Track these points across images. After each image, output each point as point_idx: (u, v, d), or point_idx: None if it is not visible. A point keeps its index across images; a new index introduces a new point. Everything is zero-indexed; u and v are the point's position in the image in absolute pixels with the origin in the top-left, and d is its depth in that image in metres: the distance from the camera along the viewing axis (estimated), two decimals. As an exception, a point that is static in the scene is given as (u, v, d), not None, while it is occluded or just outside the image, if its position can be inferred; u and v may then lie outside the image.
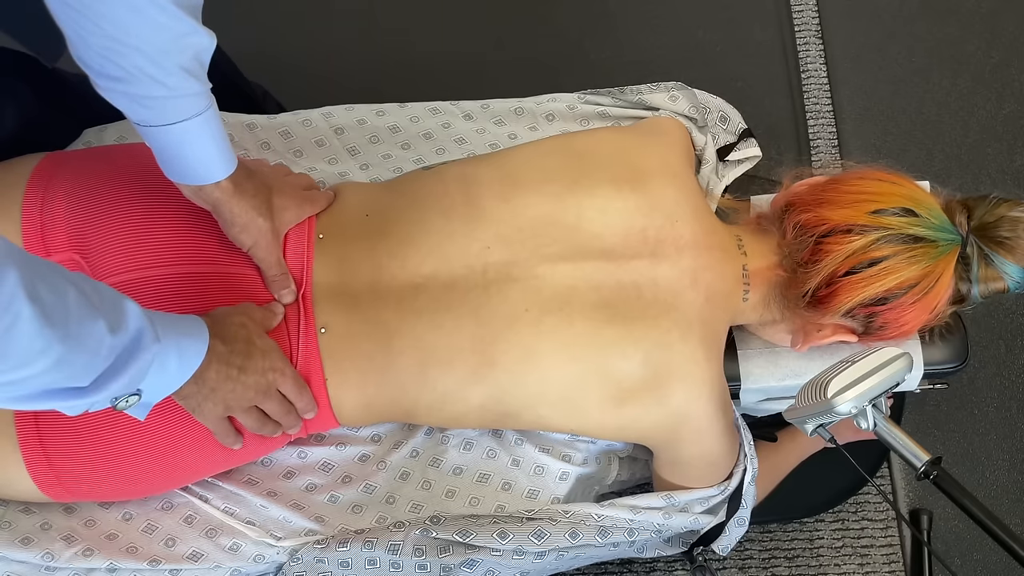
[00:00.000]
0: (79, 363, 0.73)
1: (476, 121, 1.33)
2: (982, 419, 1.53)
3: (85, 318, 0.72)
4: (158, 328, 0.81)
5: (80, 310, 0.71)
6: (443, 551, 1.05)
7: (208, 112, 0.92)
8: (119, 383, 0.77)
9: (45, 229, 1.05)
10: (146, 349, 0.79)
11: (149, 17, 0.83)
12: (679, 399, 1.02)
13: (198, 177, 0.96)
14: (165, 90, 0.88)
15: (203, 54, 0.90)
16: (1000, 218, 1.03)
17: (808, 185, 1.09)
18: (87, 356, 0.73)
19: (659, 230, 1.05)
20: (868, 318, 1.05)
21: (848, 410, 0.90)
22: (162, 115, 0.90)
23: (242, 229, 1.01)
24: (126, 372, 0.77)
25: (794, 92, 1.73)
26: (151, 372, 0.80)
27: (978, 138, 1.70)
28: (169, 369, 0.85)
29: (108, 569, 1.04)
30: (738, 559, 1.44)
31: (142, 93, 0.87)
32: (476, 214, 1.06)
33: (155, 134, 0.92)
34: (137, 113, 0.90)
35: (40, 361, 0.69)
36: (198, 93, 0.91)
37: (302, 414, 1.03)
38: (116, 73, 0.86)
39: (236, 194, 0.99)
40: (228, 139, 0.97)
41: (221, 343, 0.93)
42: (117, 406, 0.81)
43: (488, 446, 1.15)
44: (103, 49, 0.84)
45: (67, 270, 0.74)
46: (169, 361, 0.84)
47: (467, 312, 1.03)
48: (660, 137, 1.16)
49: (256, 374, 0.97)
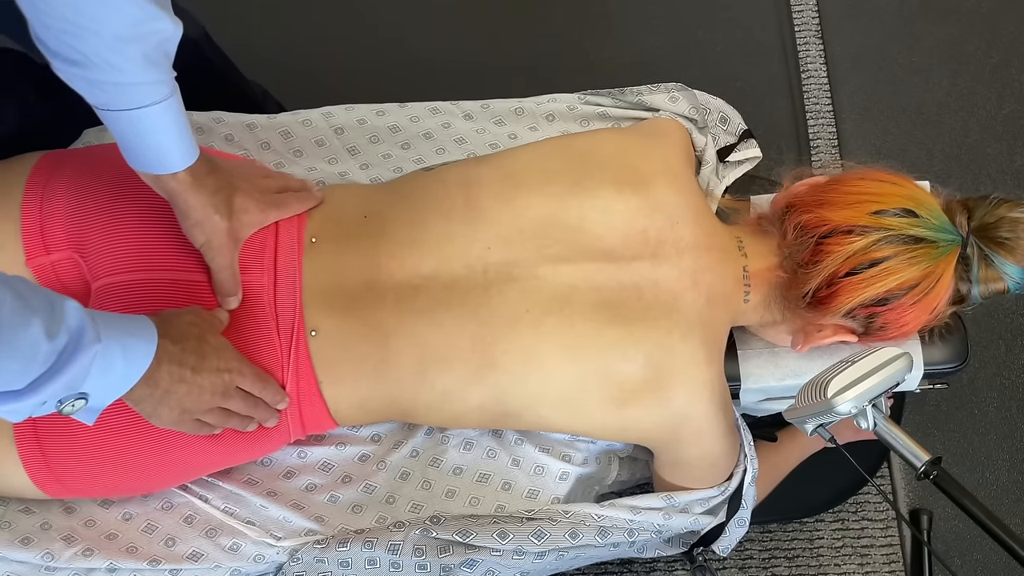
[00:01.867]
0: (12, 368, 0.71)
1: (476, 121, 1.33)
2: (982, 419, 1.53)
3: (19, 325, 0.70)
4: (100, 328, 0.79)
5: (14, 316, 0.70)
6: (443, 551, 1.05)
7: (169, 101, 0.90)
8: (56, 385, 0.75)
9: (44, 227, 1.05)
10: (85, 349, 0.76)
11: (109, 1, 0.81)
12: (680, 400, 1.02)
13: (154, 165, 0.94)
14: (123, 76, 0.86)
15: (167, 43, 0.87)
16: (1000, 219, 1.03)
17: (808, 186, 1.09)
18: (21, 362, 0.71)
19: (660, 231, 1.05)
20: (868, 319, 1.05)
21: (848, 410, 0.90)
22: (119, 100, 0.88)
23: (195, 223, 0.99)
24: (63, 374, 0.75)
25: (794, 92, 1.73)
26: (93, 374, 0.78)
27: (978, 138, 1.70)
28: (115, 370, 0.82)
29: (108, 569, 1.04)
30: (738, 559, 1.44)
31: (100, 78, 0.86)
32: (477, 215, 1.06)
33: (113, 118, 0.90)
34: (95, 96, 0.88)
35: None
36: (159, 81, 0.89)
37: (273, 405, 1.01)
38: (74, 56, 0.84)
39: (193, 187, 0.97)
40: (190, 130, 0.95)
41: (171, 343, 0.90)
42: (63, 410, 0.79)
43: (488, 446, 1.15)
44: (61, 32, 0.82)
45: (4, 274, 0.72)
46: (114, 362, 0.81)
47: (467, 312, 1.03)
48: (661, 138, 1.16)
49: (211, 374, 0.94)
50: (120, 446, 0.99)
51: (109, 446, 0.98)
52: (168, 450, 1.00)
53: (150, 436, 0.99)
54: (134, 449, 0.99)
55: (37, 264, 1.07)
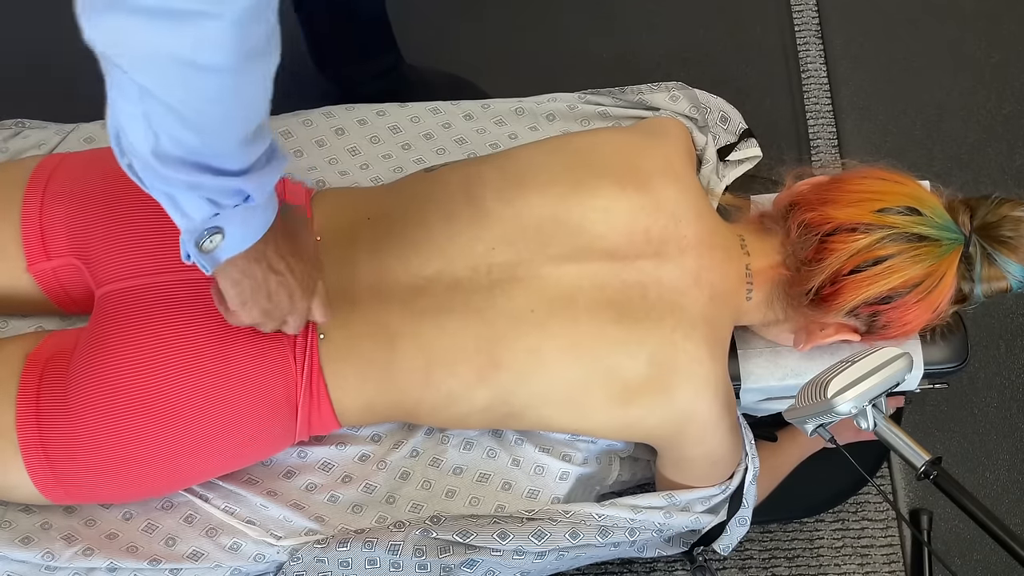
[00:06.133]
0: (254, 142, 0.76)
1: (476, 121, 1.33)
2: (982, 419, 1.53)
3: None
4: None
5: None
6: (443, 551, 1.05)
7: None
8: (255, 180, 0.77)
9: (45, 233, 1.05)
10: (280, 161, 0.80)
11: None
12: (684, 398, 1.02)
13: None
14: None
15: None
16: (1003, 218, 1.03)
17: (811, 184, 1.09)
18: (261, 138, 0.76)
19: (663, 230, 1.06)
20: (871, 317, 1.05)
21: (848, 410, 0.90)
22: None
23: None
24: (263, 173, 0.78)
25: (794, 92, 1.73)
26: (249, 206, 0.80)
27: (978, 138, 1.70)
28: (256, 212, 0.82)
29: (108, 568, 1.04)
30: (738, 559, 1.44)
31: None
32: (479, 215, 1.06)
33: None
34: None
35: (252, 116, 0.72)
36: None
37: (313, 319, 0.99)
38: None
39: None
40: None
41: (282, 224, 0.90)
42: (202, 245, 0.80)
43: (488, 446, 1.15)
44: None
45: None
46: (263, 203, 0.82)
47: (472, 313, 1.02)
48: (662, 137, 1.16)
49: (309, 266, 0.95)
50: (126, 454, 0.98)
51: (115, 455, 0.98)
52: (174, 457, 1.00)
53: (156, 443, 0.99)
54: (140, 457, 0.99)
55: (38, 270, 1.07)
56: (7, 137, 1.24)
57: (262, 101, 0.74)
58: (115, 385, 0.97)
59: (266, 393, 1.01)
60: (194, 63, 0.66)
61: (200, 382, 0.98)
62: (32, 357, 1.01)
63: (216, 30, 0.64)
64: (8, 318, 1.17)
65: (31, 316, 1.17)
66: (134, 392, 0.97)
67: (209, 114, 0.71)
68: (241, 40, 0.65)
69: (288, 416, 1.03)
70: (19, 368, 1.00)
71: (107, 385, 0.97)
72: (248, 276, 0.88)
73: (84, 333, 1.02)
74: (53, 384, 0.98)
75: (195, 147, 0.73)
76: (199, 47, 0.65)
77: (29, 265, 1.06)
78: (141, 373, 0.98)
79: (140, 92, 0.68)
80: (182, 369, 0.98)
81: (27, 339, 1.05)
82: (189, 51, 0.65)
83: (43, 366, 0.99)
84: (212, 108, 0.70)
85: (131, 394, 0.97)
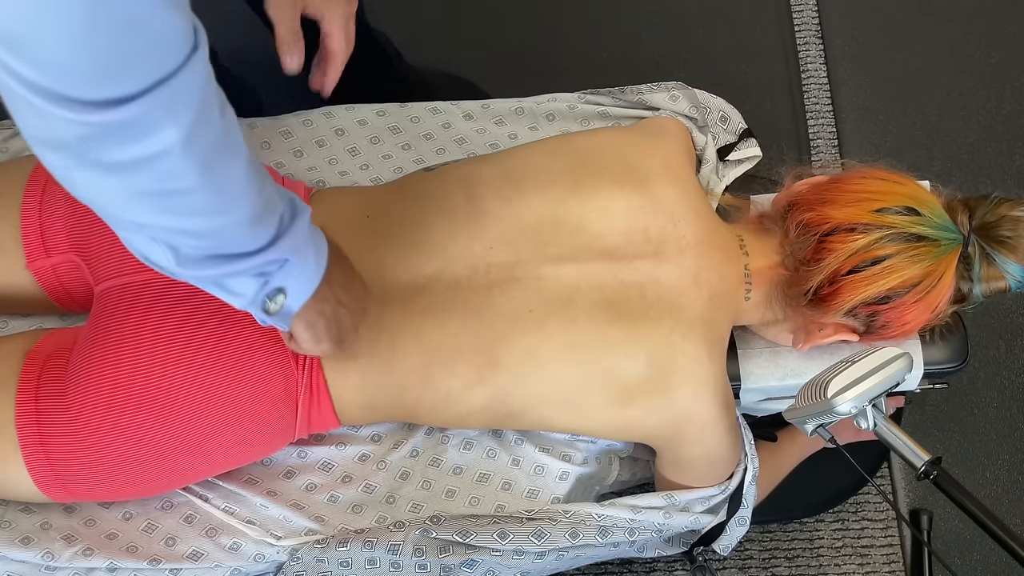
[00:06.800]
0: (265, 214, 0.75)
1: (476, 121, 1.33)
2: (982, 419, 1.53)
3: (260, 179, 0.74)
4: None
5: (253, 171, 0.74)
6: (443, 551, 1.05)
7: None
8: (284, 246, 0.78)
9: (44, 230, 1.05)
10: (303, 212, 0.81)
11: None
12: (683, 399, 1.02)
13: None
14: None
15: None
16: (1002, 217, 1.03)
17: (810, 184, 1.09)
18: (265, 218, 0.76)
19: (661, 230, 1.06)
20: (870, 317, 1.05)
21: (848, 410, 0.90)
22: None
23: None
24: (289, 236, 0.78)
25: (794, 92, 1.73)
26: (293, 261, 0.80)
27: (978, 138, 1.70)
28: (309, 258, 0.84)
29: (108, 568, 1.04)
30: (738, 559, 1.44)
31: None
32: (479, 215, 1.06)
33: None
34: None
35: (245, 197, 0.71)
36: None
37: None
38: None
39: None
40: None
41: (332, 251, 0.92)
42: (269, 310, 0.82)
43: (488, 446, 1.15)
44: None
45: None
46: (307, 248, 0.83)
47: (471, 313, 1.02)
48: (661, 137, 1.16)
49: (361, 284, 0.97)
50: (126, 451, 0.98)
51: (114, 452, 0.98)
52: (174, 454, 1.00)
53: (156, 440, 0.99)
54: (140, 454, 0.99)
55: (37, 267, 1.07)
56: (7, 137, 1.24)
57: (253, 185, 0.74)
58: (115, 381, 0.97)
59: (266, 390, 1.01)
60: (167, 191, 0.67)
61: (200, 378, 0.98)
62: (31, 355, 1.01)
63: (171, 161, 0.65)
64: (8, 318, 1.17)
65: (31, 315, 1.17)
66: (134, 388, 0.97)
67: (207, 221, 0.72)
68: (198, 156, 0.66)
69: (288, 413, 1.03)
70: (18, 365, 1.00)
71: (107, 381, 0.97)
72: (321, 316, 0.90)
73: (83, 330, 1.03)
74: (52, 381, 0.98)
75: (213, 245, 0.75)
76: (165, 179, 0.66)
77: (28, 262, 1.07)
78: (141, 369, 0.98)
79: (137, 225, 0.72)
80: (182, 365, 0.98)
81: (26, 337, 1.05)
82: (158, 184, 0.67)
83: (42, 363, 0.99)
84: (206, 217, 0.72)
85: (131, 390, 0.97)
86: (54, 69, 0.57)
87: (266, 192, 0.76)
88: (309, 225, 0.83)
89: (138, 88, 0.59)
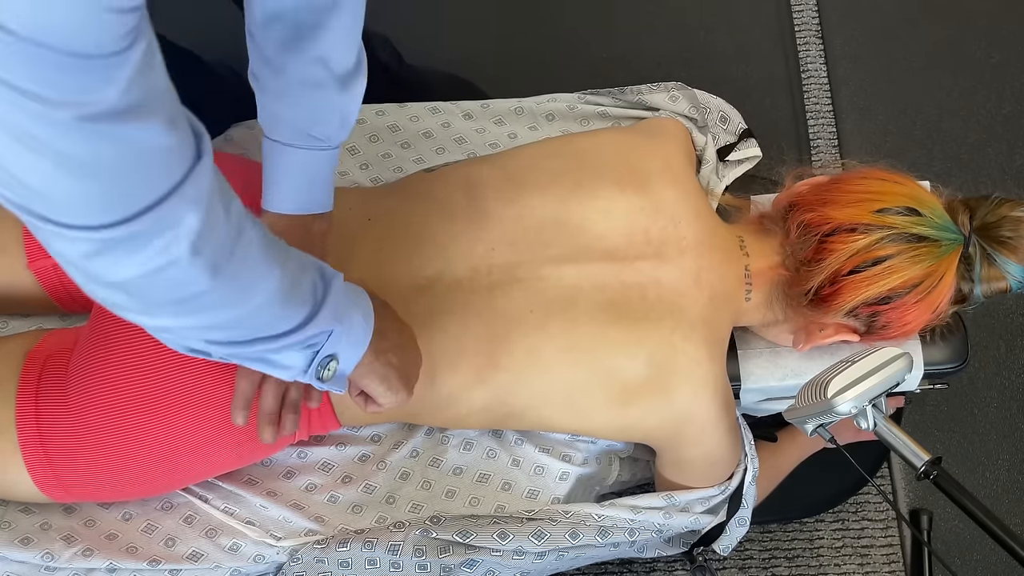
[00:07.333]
0: (293, 293, 0.73)
1: (476, 120, 1.33)
2: (982, 419, 1.53)
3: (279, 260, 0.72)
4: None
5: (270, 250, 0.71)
6: (443, 551, 1.05)
7: None
8: (323, 318, 0.76)
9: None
10: (334, 280, 0.79)
11: None
12: (683, 399, 1.02)
13: (315, 205, 0.98)
14: None
15: None
16: (1002, 218, 1.03)
17: (810, 185, 1.09)
18: (296, 300, 0.74)
19: (662, 231, 1.06)
20: (871, 317, 1.04)
21: (848, 410, 0.90)
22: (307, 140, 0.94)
23: None
24: (326, 307, 0.77)
25: (794, 92, 1.73)
26: (340, 325, 0.79)
27: (978, 138, 1.70)
28: (355, 320, 0.82)
29: (108, 569, 1.04)
30: (738, 559, 1.44)
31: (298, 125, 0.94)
32: (480, 216, 1.06)
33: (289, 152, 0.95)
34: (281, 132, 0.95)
35: (266, 284, 0.69)
36: None
37: None
38: None
39: None
40: None
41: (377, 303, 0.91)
42: (323, 377, 0.80)
43: (488, 446, 1.14)
44: None
45: None
46: (351, 310, 0.82)
47: (472, 314, 1.02)
48: (661, 137, 1.16)
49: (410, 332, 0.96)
50: (126, 451, 0.98)
51: (114, 452, 0.98)
52: (174, 455, 1.00)
53: (155, 441, 0.99)
54: (139, 454, 0.99)
55: (39, 267, 1.07)
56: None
57: (275, 269, 0.71)
58: (115, 382, 0.97)
59: None
60: (185, 298, 0.65)
61: (200, 379, 0.98)
62: (32, 355, 1.01)
63: (180, 270, 0.62)
64: (8, 318, 1.17)
65: (31, 316, 1.17)
66: (134, 389, 0.97)
67: (229, 314, 0.70)
68: (207, 260, 0.64)
69: None
70: (19, 366, 1.00)
71: (107, 382, 0.97)
72: (390, 367, 0.90)
73: (84, 331, 1.02)
74: (52, 381, 0.98)
75: (245, 333, 0.73)
76: (179, 287, 0.64)
77: (30, 262, 1.06)
78: (141, 370, 0.98)
79: (164, 328, 0.70)
80: (181, 366, 0.98)
81: (27, 337, 1.05)
82: (175, 292, 0.65)
83: (42, 364, 0.99)
84: (231, 310, 0.69)
85: (131, 391, 0.97)
86: (45, 201, 0.55)
87: (289, 270, 0.73)
88: (345, 290, 0.81)
89: (136, 209, 0.57)
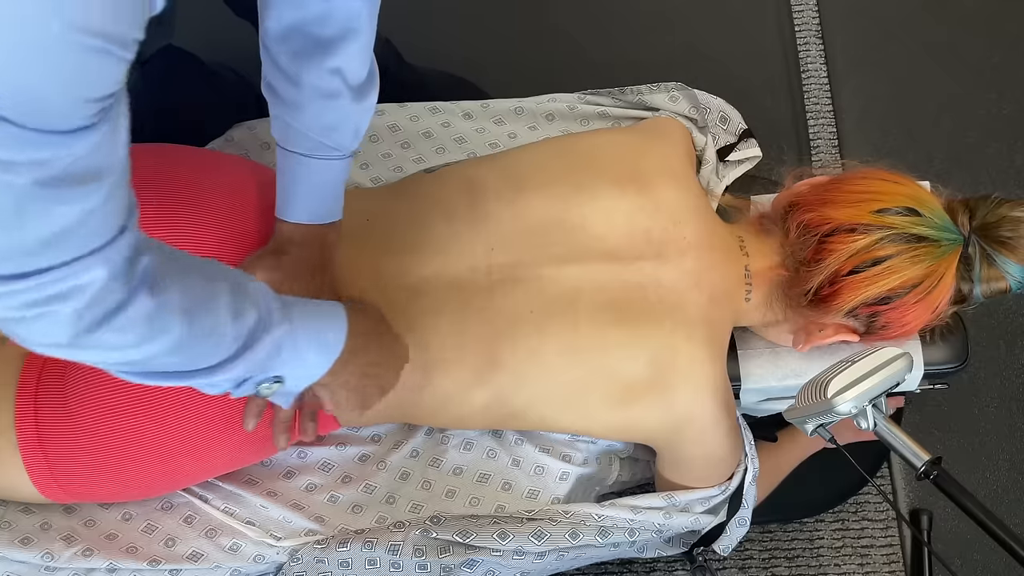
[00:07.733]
0: (198, 350, 0.74)
1: (476, 120, 1.33)
2: (982, 419, 1.53)
3: (208, 308, 0.73)
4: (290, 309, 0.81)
5: (204, 297, 0.72)
6: (443, 551, 1.05)
7: None
8: (245, 365, 0.77)
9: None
10: (273, 329, 0.78)
11: None
12: (683, 400, 1.02)
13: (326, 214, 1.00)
14: None
15: None
16: (1002, 218, 1.03)
17: (810, 185, 1.09)
18: (209, 343, 0.74)
19: (662, 231, 1.06)
20: (870, 317, 1.05)
21: (848, 410, 0.90)
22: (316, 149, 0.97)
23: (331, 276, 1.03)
24: (252, 354, 0.77)
25: (794, 92, 1.73)
26: (285, 357, 0.80)
27: (978, 138, 1.70)
28: (307, 354, 0.83)
29: (108, 569, 1.04)
30: (738, 559, 1.44)
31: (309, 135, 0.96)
32: (480, 216, 1.06)
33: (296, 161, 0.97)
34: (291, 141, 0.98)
35: (161, 339, 0.70)
36: None
37: None
38: None
39: None
40: None
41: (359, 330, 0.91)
42: (260, 392, 0.81)
43: (488, 446, 1.14)
44: None
45: (197, 258, 0.75)
46: (304, 345, 0.83)
47: (471, 313, 1.02)
48: (661, 138, 1.16)
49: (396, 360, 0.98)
50: (125, 453, 0.98)
51: (113, 453, 0.98)
52: (173, 456, 1.00)
53: (155, 442, 0.98)
54: (138, 455, 0.99)
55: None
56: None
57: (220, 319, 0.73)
58: (113, 384, 0.97)
59: None
60: (147, 365, 0.70)
61: None
62: (30, 357, 1.00)
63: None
64: (8, 318, 1.17)
65: (31, 316, 1.17)
66: (132, 391, 0.97)
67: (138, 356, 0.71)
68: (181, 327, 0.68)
69: None
70: (18, 367, 1.00)
71: (105, 384, 0.97)
72: (344, 388, 0.91)
73: (83, 333, 1.02)
74: (51, 383, 0.98)
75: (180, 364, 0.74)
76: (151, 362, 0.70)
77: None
78: None
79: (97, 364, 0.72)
80: None
81: (26, 340, 1.05)
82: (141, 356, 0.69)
83: (41, 366, 0.99)
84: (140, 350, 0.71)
85: (129, 393, 0.97)
86: None
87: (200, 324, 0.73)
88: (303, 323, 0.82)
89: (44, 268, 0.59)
